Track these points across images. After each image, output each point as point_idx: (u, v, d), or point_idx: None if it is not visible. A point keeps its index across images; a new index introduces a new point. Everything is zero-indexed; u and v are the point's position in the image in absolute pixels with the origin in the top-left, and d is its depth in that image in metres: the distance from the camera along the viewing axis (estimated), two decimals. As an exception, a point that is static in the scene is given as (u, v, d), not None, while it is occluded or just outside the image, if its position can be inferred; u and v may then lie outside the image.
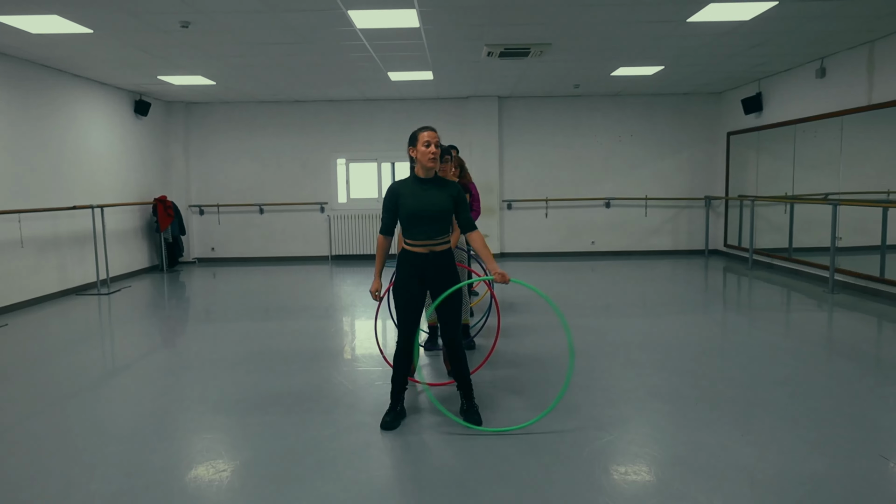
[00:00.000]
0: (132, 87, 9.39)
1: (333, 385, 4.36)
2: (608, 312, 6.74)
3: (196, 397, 4.20)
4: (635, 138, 11.17)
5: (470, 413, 3.63)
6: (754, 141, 9.93)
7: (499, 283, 3.46)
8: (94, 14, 5.60)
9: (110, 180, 9.29)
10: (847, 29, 6.57)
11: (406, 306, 3.58)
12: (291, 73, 8.48)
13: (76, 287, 8.37)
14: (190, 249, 11.29)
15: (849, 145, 7.69)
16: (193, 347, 5.57)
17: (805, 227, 8.73)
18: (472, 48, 7.13)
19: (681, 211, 11.34)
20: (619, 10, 5.77)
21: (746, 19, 6.09)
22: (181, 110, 11.06)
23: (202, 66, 7.90)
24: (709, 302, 7.48)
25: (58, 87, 8.09)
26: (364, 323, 6.44)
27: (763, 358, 4.88)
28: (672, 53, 7.65)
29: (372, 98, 10.94)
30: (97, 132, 8.96)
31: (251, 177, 11.35)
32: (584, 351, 5.09)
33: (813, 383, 4.26)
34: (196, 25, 6.00)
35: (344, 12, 5.66)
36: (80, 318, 6.93)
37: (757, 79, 9.57)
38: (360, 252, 11.35)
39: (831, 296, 7.24)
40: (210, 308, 7.46)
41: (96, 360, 5.31)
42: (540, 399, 3.99)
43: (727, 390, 4.12)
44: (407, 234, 3.56)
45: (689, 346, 5.30)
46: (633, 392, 4.13)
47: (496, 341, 4.80)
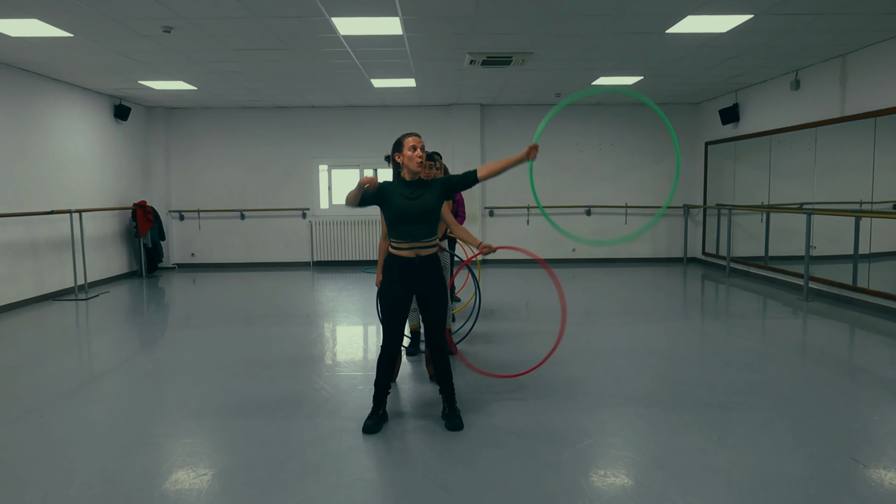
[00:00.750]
0: (112, 91, 9.31)
1: (315, 390, 4.36)
2: (589, 319, 6.81)
3: (176, 403, 4.17)
4: (616, 147, 11.31)
5: (452, 418, 3.65)
6: (731, 151, 10.11)
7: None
8: (75, 18, 5.56)
9: (89, 185, 9.19)
10: (820, 43, 6.74)
11: (391, 311, 3.60)
12: (274, 79, 8.48)
13: (53, 293, 8.25)
14: (170, 255, 11.19)
15: (822, 156, 7.86)
16: (173, 353, 5.52)
17: (781, 236, 8.90)
18: (455, 56, 7.19)
19: (660, 219, 11.49)
20: (600, 21, 5.87)
21: (723, 32, 6.23)
22: (162, 115, 10.98)
23: (184, 71, 7.87)
24: (687, 309, 7.59)
25: (37, 91, 8.00)
26: (346, 329, 6.44)
27: (739, 364, 4.97)
28: (651, 64, 7.78)
29: (355, 105, 10.96)
30: (76, 136, 8.87)
31: (232, 182, 11.29)
32: (565, 357, 5.13)
33: (788, 388, 4.35)
34: (178, 30, 5.98)
35: (327, 19, 5.69)
36: (58, 324, 6.84)
37: (734, 90, 9.76)
38: (341, 258, 11.33)
39: (806, 303, 7.39)
40: (190, 314, 7.40)
41: (74, 367, 5.25)
42: (523, 404, 4.03)
43: (705, 395, 4.19)
44: (393, 234, 3.57)
45: (668, 352, 5.38)
46: (613, 397, 4.18)
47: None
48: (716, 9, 5.51)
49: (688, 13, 5.65)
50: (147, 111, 10.88)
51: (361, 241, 11.34)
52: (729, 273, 9.70)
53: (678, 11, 5.60)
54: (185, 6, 5.28)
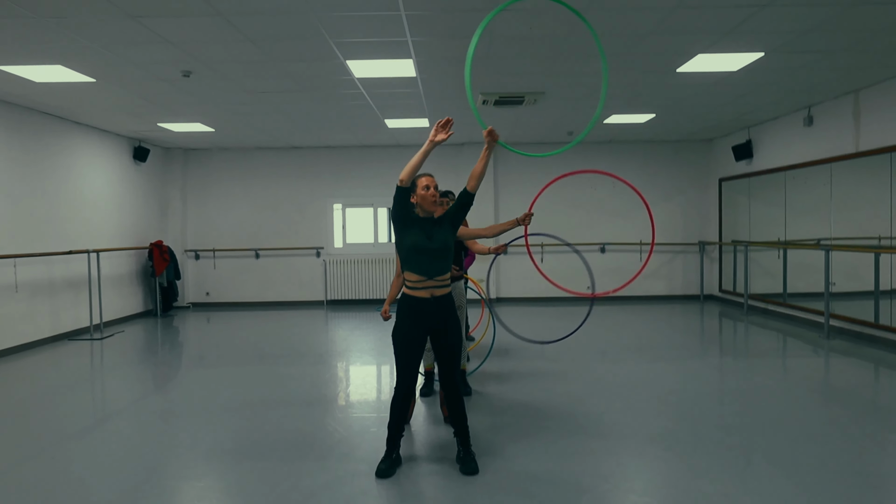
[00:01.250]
0: (132, 133, 9.53)
1: (328, 432, 4.31)
2: (604, 358, 6.72)
3: (188, 444, 4.14)
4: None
5: (467, 461, 3.59)
6: (745, 187, 10.09)
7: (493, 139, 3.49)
8: (98, 64, 5.74)
9: (107, 225, 9.34)
10: (832, 79, 6.77)
11: (405, 352, 3.58)
12: (289, 120, 8.64)
13: (68, 332, 8.31)
14: (185, 294, 11.26)
15: (838, 191, 7.82)
16: (186, 393, 5.51)
17: (799, 273, 8.80)
18: (466, 95, 7.29)
19: (675, 256, 11.43)
20: (611, 60, 5.94)
21: (734, 70, 6.28)
22: (179, 156, 11.20)
23: (202, 113, 8.05)
24: (705, 347, 7.48)
25: (58, 134, 8.20)
26: (359, 369, 6.40)
27: (760, 404, 4.86)
28: (663, 102, 7.85)
29: (368, 144, 11.11)
30: (96, 178, 9.05)
31: (247, 221, 11.42)
32: (581, 397, 5.06)
33: (811, 430, 4.24)
34: (197, 74, 6.14)
35: (342, 62, 5.82)
36: (72, 363, 6.86)
37: (746, 126, 9.79)
38: (355, 297, 11.34)
39: (827, 341, 7.25)
40: (204, 353, 7.41)
41: (87, 406, 5.24)
42: (540, 446, 3.95)
43: (725, 437, 4.10)
44: (407, 267, 3.57)
45: (687, 391, 5.28)
46: (632, 438, 4.09)
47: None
48: (726, 47, 5.57)
49: (698, 52, 5.71)
50: (165, 152, 11.10)
51: (375, 280, 11.35)
52: (747, 310, 9.57)
53: (689, 50, 5.67)
54: (204, 51, 5.43)
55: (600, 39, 5.27)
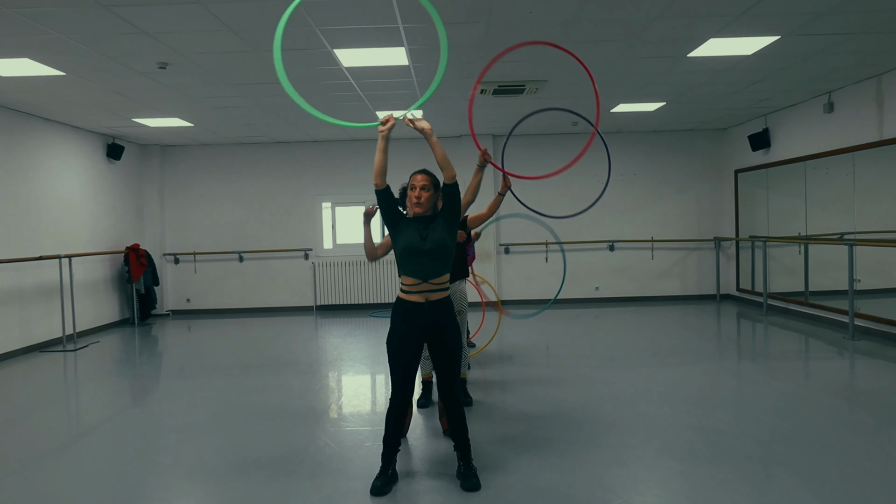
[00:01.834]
0: (105, 130, 9.54)
1: (319, 447, 4.33)
2: (614, 363, 6.74)
3: (170, 462, 4.15)
4: (639, 177, 11.36)
5: (468, 477, 3.60)
6: (763, 178, 10.13)
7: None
8: (68, 57, 5.75)
9: (80, 228, 9.35)
10: (852, 63, 6.80)
11: (400, 361, 3.59)
12: (273, 114, 8.66)
13: (40, 343, 8.32)
14: (164, 301, 11.27)
15: (862, 182, 7.85)
16: (167, 407, 5.52)
17: (821, 269, 8.83)
18: (465, 85, 7.32)
19: (689, 253, 11.46)
20: (617, 46, 5.97)
21: (748, 54, 6.31)
22: (156, 153, 11.20)
23: (180, 107, 8.06)
24: (722, 350, 7.50)
25: (26, 132, 8.21)
26: (352, 379, 6.42)
27: (781, 410, 4.89)
28: (673, 89, 7.87)
29: (359, 138, 11.13)
30: (67, 178, 9.06)
31: (230, 223, 11.43)
32: (590, 405, 5.08)
33: (834, 437, 4.26)
34: (174, 66, 6.15)
35: (329, 51, 5.83)
36: (44, 377, 6.87)
37: (763, 114, 9.82)
38: (347, 302, 11.36)
39: (852, 342, 7.28)
40: (185, 364, 7.42)
41: (61, 423, 5.25)
42: (545, 459, 3.98)
43: (744, 446, 4.12)
44: (402, 270, 3.60)
45: (702, 398, 5.31)
46: (643, 449, 4.12)
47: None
48: (739, 31, 5.59)
49: (710, 36, 5.73)
50: (141, 150, 11.11)
51: (368, 284, 11.38)
52: (766, 310, 9.60)
53: (699, 35, 5.69)
54: (182, 42, 5.45)
55: (605, 25, 5.30)
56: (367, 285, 11.38)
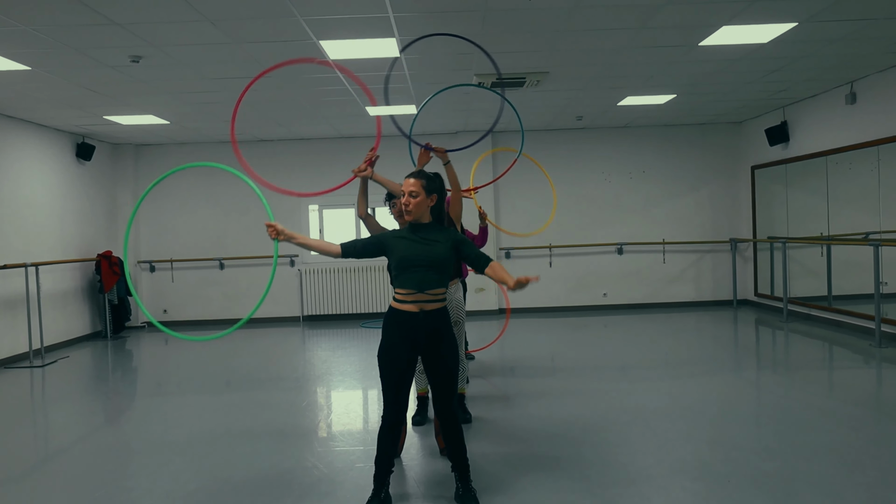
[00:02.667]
0: (74, 128, 9.53)
1: (306, 469, 4.31)
2: (625, 375, 6.74)
3: (145, 486, 4.13)
4: (648, 174, 11.38)
5: (466, 499, 3.60)
6: (782, 175, 10.15)
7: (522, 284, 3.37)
8: (33, 50, 5.74)
9: (47, 234, 9.32)
10: (875, 51, 6.82)
11: (393, 375, 3.58)
12: (256, 110, 8.66)
13: (4, 359, 8.28)
14: (138, 312, 11.25)
15: (888, 178, 7.87)
16: (142, 427, 5.50)
17: (845, 272, 8.85)
18: (461, 78, 7.33)
19: (703, 256, 11.47)
20: (624, 35, 5.98)
21: (764, 42, 6.32)
22: (130, 153, 11.19)
23: (154, 104, 8.06)
24: (740, 360, 7.51)
25: (-11, 131, 8.21)
26: (342, 394, 6.41)
27: (804, 424, 4.89)
28: (684, 81, 7.89)
29: (348, 135, 11.14)
30: (33, 180, 9.04)
31: (210, 228, 11.41)
32: (598, 420, 5.08)
33: (861, 452, 4.26)
34: (148, 59, 6.15)
35: (315, 42, 5.84)
36: (10, 394, 6.84)
37: (781, 106, 9.85)
38: (336, 311, 11.35)
39: (879, 350, 7.29)
40: (161, 380, 7.40)
41: (27, 445, 5.23)
42: (549, 480, 3.97)
43: (764, 463, 4.12)
44: (396, 283, 3.60)
45: (719, 412, 5.30)
46: (656, 468, 4.11)
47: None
48: (754, 18, 5.61)
49: (723, 24, 5.75)
50: (113, 149, 11.10)
51: (358, 293, 11.37)
52: (787, 317, 9.61)
53: (712, 22, 5.71)
54: (156, 33, 5.45)
55: (609, 10, 5.31)
56: (357, 294, 11.37)
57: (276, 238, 3.44)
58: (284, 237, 3.45)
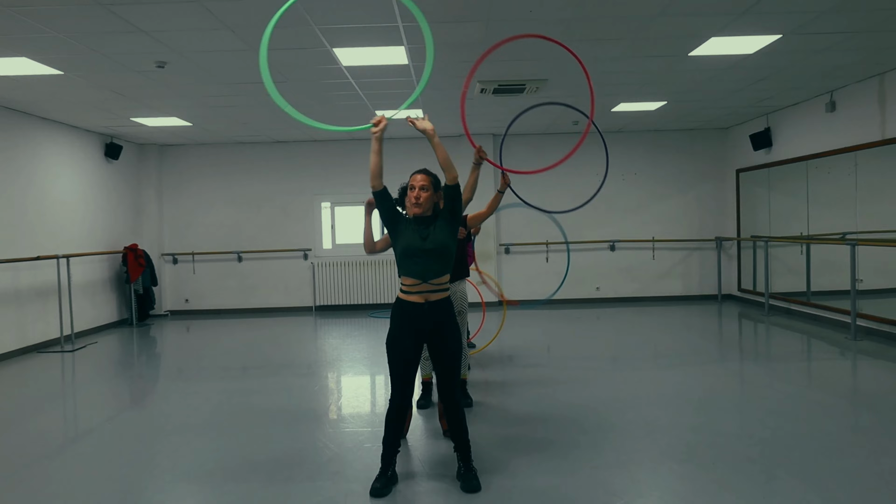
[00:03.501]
0: (103, 129, 9.52)
1: (318, 449, 4.31)
2: (616, 365, 6.73)
3: (166, 464, 4.14)
4: (640, 177, 11.34)
5: (468, 478, 3.59)
6: (765, 178, 10.11)
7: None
8: (66, 55, 5.73)
9: (77, 228, 9.33)
10: (855, 62, 6.78)
11: (400, 361, 3.58)
12: (272, 113, 8.64)
13: (37, 344, 8.30)
14: (162, 301, 11.25)
15: (864, 182, 7.83)
16: (164, 409, 5.51)
17: (823, 269, 8.82)
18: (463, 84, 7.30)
19: (691, 253, 11.44)
20: (618, 45, 5.95)
21: (750, 53, 6.29)
22: (154, 153, 11.19)
23: (178, 107, 8.05)
24: (724, 351, 7.49)
25: (23, 131, 8.19)
26: (351, 380, 6.41)
27: (784, 412, 4.87)
28: (674, 88, 7.86)
29: (359, 138, 11.11)
30: (65, 177, 9.04)
31: (229, 222, 11.41)
32: (591, 407, 5.07)
33: (838, 439, 4.25)
34: (172, 65, 6.14)
35: (329, 50, 5.82)
36: (42, 377, 6.86)
37: (765, 113, 9.81)
38: (346, 302, 11.34)
39: (854, 343, 7.27)
40: (183, 365, 7.40)
41: (58, 424, 5.24)
42: (546, 461, 3.96)
43: (746, 449, 4.10)
44: (402, 271, 3.60)
45: (705, 400, 5.29)
46: (645, 452, 4.10)
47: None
48: (741, 29, 5.58)
49: (711, 35, 5.72)
50: (139, 149, 11.09)
51: (367, 284, 11.36)
52: (768, 311, 9.59)
53: (701, 33, 5.68)
54: (180, 40, 5.43)
55: (604, 23, 5.28)
56: (366, 286, 11.37)
57: (374, 130, 3.45)
58: (379, 135, 3.52)
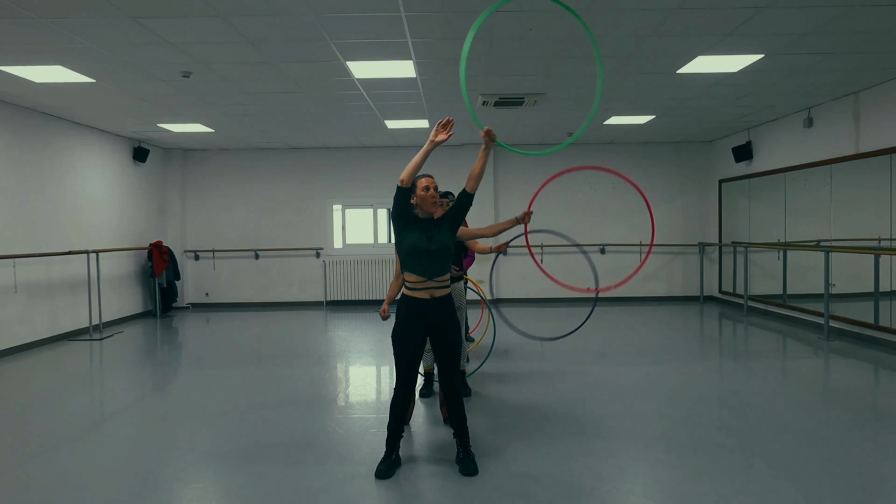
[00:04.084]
0: (132, 134, 9.53)
1: (327, 433, 4.31)
2: (605, 360, 6.72)
3: (186, 446, 4.14)
4: (629, 186, 11.33)
5: (466, 462, 3.59)
6: (745, 188, 10.10)
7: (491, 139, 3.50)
8: (98, 65, 5.74)
9: (106, 226, 9.34)
10: (832, 81, 6.77)
11: (405, 353, 3.58)
12: (289, 122, 8.64)
13: (67, 333, 8.31)
14: (184, 295, 11.26)
15: (838, 193, 7.82)
16: (185, 395, 5.51)
17: (799, 274, 8.80)
18: (468, 97, 7.29)
19: (675, 257, 11.43)
20: (611, 62, 5.95)
21: (734, 71, 6.28)
22: (179, 157, 11.20)
23: (201, 114, 8.05)
24: (705, 349, 7.48)
25: (57, 135, 8.21)
26: (358, 370, 6.40)
27: (760, 406, 4.86)
28: (663, 103, 7.85)
29: (368, 145, 11.12)
30: (95, 178, 9.05)
31: (247, 222, 11.42)
32: (582, 399, 5.06)
33: (811, 432, 4.24)
34: (197, 75, 6.14)
35: (343, 63, 5.82)
36: (71, 364, 6.86)
37: (746, 128, 9.79)
38: (355, 298, 11.34)
39: (827, 343, 7.25)
40: (203, 355, 7.41)
41: (86, 408, 5.24)
42: (539, 447, 3.96)
43: (725, 439, 4.10)
44: (406, 268, 3.58)
45: (687, 394, 5.28)
46: (631, 441, 4.09)
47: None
48: (726, 49, 5.57)
49: (698, 54, 5.71)
50: (164, 153, 11.10)
51: (375, 281, 11.36)
52: (747, 311, 9.57)
53: (689, 52, 5.67)
54: (204, 52, 5.44)
55: (599, 42, 5.28)
56: (374, 283, 11.36)
57: (441, 138, 3.38)
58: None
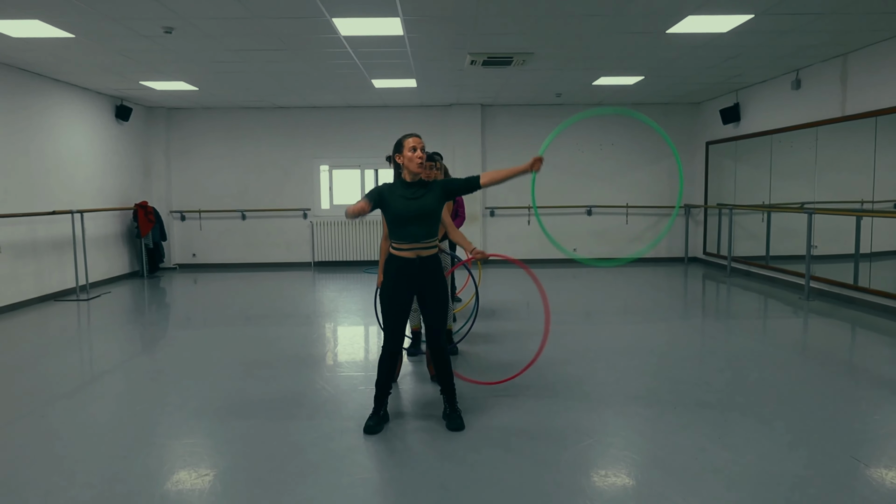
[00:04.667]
0: (114, 92, 9.32)
1: (316, 390, 4.36)
2: (589, 319, 6.81)
3: (177, 403, 4.17)
4: (616, 147, 11.31)
5: (453, 418, 3.66)
6: (732, 150, 10.11)
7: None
8: (76, 19, 5.58)
9: (90, 186, 9.20)
10: (821, 42, 6.73)
11: (392, 312, 3.61)
12: (274, 80, 8.49)
13: (54, 293, 8.26)
14: (171, 255, 11.20)
15: (823, 155, 7.86)
16: (174, 354, 5.53)
17: (782, 236, 8.90)
18: (456, 56, 7.19)
19: (661, 219, 11.49)
20: (600, 21, 5.87)
21: (723, 32, 6.22)
22: (163, 116, 10.99)
23: (184, 71, 7.88)
24: (688, 309, 7.59)
25: (38, 92, 8.01)
26: (346, 329, 6.45)
27: (740, 363, 4.97)
28: (652, 64, 7.78)
29: (355, 105, 10.97)
30: (78, 137, 8.88)
31: (233, 182, 11.30)
32: (565, 357, 5.14)
33: (788, 388, 4.35)
34: (179, 31, 5.99)
35: (328, 19, 5.70)
36: (59, 324, 6.85)
37: (735, 90, 9.75)
38: (342, 258, 11.33)
39: (807, 303, 7.38)
40: (191, 314, 7.41)
41: (75, 367, 5.26)
42: (524, 404, 4.03)
43: (705, 395, 4.20)
44: (393, 235, 3.59)
45: (669, 352, 5.38)
46: (613, 396, 4.18)
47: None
48: (716, 9, 5.51)
49: (688, 13, 5.65)
50: (148, 112, 10.89)
51: (363, 242, 11.35)
52: (730, 272, 9.69)
53: (678, 11, 5.60)
54: (186, 7, 5.29)
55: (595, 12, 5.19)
56: (361, 243, 11.35)
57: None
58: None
